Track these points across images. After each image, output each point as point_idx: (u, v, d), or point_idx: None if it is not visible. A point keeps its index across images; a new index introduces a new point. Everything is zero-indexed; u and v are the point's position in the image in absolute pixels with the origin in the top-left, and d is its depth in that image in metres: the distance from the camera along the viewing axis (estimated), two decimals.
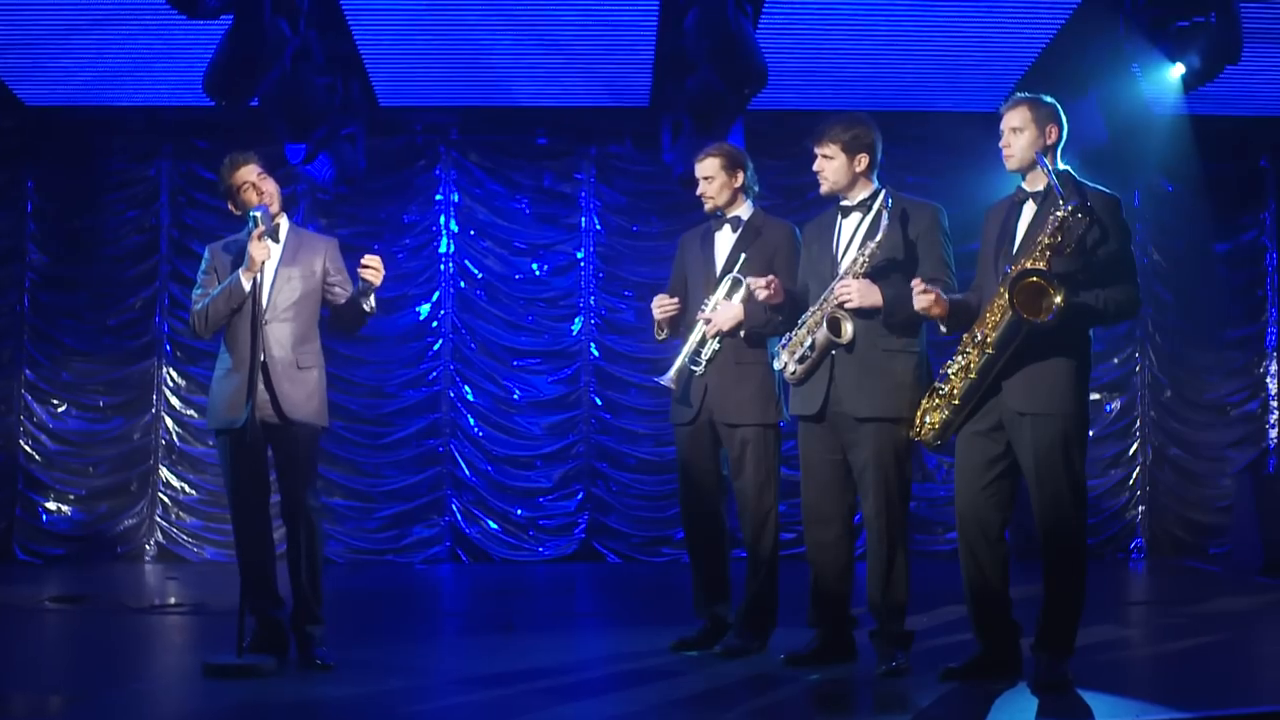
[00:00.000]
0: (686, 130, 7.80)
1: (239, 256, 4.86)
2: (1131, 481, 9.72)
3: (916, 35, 7.97)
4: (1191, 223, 9.40)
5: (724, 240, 5.28)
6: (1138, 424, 9.74)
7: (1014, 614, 4.51)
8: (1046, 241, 4.27)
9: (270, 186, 4.95)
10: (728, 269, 5.19)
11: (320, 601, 4.88)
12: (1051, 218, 4.27)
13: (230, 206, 5.01)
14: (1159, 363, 9.75)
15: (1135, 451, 9.73)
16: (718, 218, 5.30)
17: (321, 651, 4.82)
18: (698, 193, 5.29)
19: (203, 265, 5.05)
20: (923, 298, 4.44)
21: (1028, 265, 4.28)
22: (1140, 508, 9.71)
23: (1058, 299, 4.18)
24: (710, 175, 5.24)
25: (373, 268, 4.80)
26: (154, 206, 9.48)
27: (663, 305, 5.29)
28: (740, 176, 5.25)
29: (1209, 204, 9.20)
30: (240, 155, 4.96)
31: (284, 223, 5.02)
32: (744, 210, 5.28)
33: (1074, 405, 4.36)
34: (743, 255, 5.16)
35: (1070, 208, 4.23)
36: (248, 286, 4.78)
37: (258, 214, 4.80)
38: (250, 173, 4.92)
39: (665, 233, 9.33)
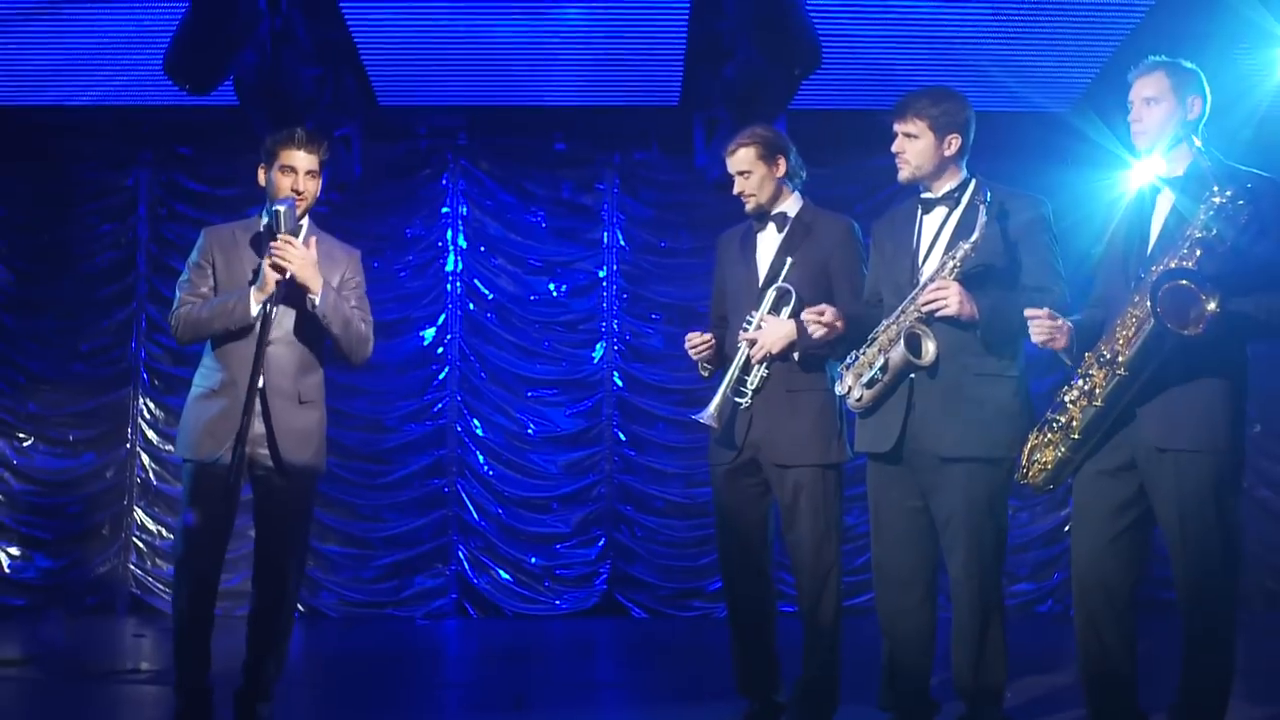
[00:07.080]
0: (723, 128, 7.03)
1: (249, 253, 4.13)
2: None
3: (981, 28, 7.25)
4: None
5: (767, 242, 4.52)
6: None
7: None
8: (1198, 236, 3.53)
9: (314, 189, 4.19)
10: (772, 277, 4.43)
11: (279, 675, 4.26)
12: (1204, 207, 3.54)
13: (260, 176, 4.23)
14: None
15: None
16: (760, 217, 4.53)
17: None
18: (735, 192, 4.52)
19: (195, 254, 4.25)
20: (1043, 329, 3.68)
21: (1173, 266, 3.53)
22: None
23: (1211, 306, 3.45)
24: (746, 169, 4.48)
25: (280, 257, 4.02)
26: (130, 220, 8.94)
27: (695, 345, 4.52)
28: (782, 164, 4.48)
29: None
30: (309, 135, 4.17)
31: (305, 224, 4.24)
32: (790, 205, 4.52)
33: (1228, 439, 3.62)
34: (789, 259, 4.39)
35: (1228, 194, 3.50)
36: (255, 311, 4.01)
37: (282, 208, 4.04)
38: (306, 160, 4.15)
39: (696, 249, 8.77)
